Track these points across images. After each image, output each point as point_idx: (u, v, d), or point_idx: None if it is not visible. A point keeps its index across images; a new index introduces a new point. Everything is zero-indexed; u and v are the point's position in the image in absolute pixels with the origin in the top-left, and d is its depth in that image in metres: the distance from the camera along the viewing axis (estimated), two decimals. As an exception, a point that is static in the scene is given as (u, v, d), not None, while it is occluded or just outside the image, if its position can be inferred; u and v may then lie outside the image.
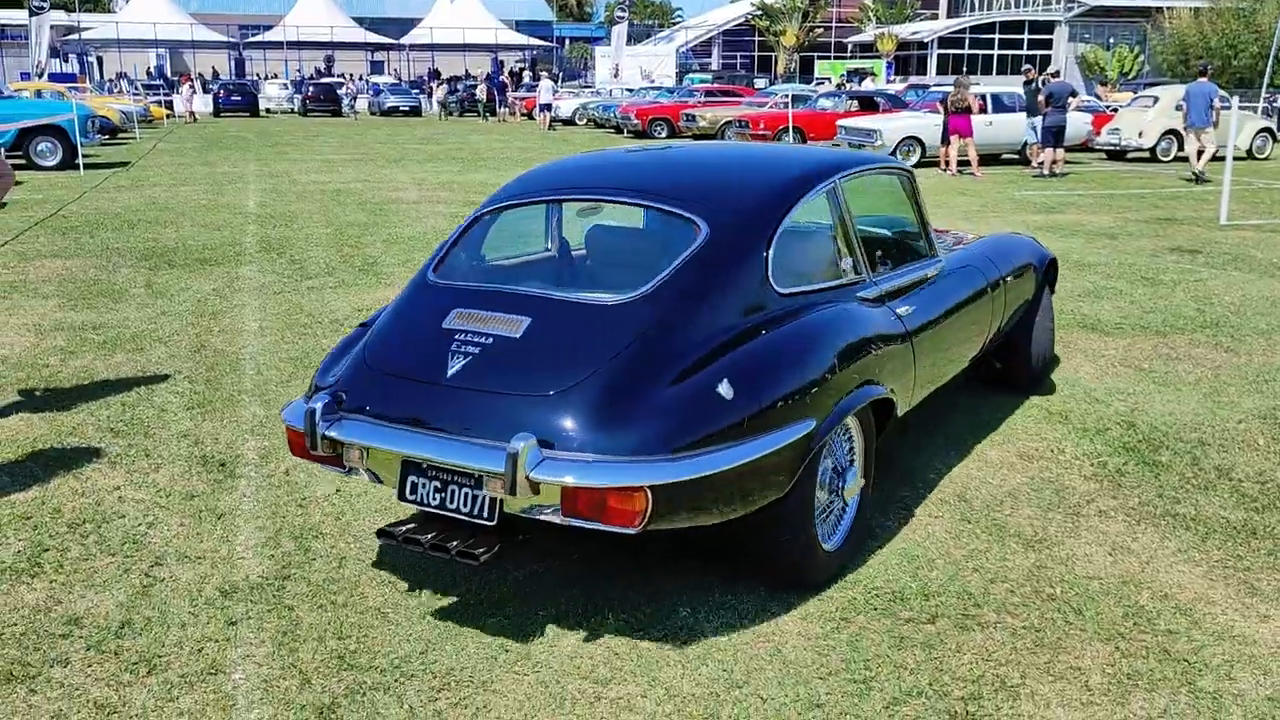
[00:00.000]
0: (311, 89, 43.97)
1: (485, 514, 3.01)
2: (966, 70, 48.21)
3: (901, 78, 47.55)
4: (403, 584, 3.48)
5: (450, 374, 3.16)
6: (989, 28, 55.50)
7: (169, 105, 38.56)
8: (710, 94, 30.91)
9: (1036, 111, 17.55)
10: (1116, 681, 2.95)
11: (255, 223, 11.88)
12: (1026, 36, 54.68)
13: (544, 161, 4.54)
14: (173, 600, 3.39)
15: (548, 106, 33.77)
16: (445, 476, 3.06)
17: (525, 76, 51.02)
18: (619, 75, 46.30)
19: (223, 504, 4.15)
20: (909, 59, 56.42)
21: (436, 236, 4.27)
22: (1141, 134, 20.39)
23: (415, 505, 3.13)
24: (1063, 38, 53.91)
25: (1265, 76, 28.73)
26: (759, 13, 57.58)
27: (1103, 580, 3.54)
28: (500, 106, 40.57)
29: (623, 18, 49.43)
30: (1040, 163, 17.65)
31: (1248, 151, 20.70)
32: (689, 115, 26.44)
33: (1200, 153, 16.63)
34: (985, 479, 4.43)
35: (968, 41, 54.94)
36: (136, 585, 3.49)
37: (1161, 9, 47.67)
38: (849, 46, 58.99)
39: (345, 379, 3.38)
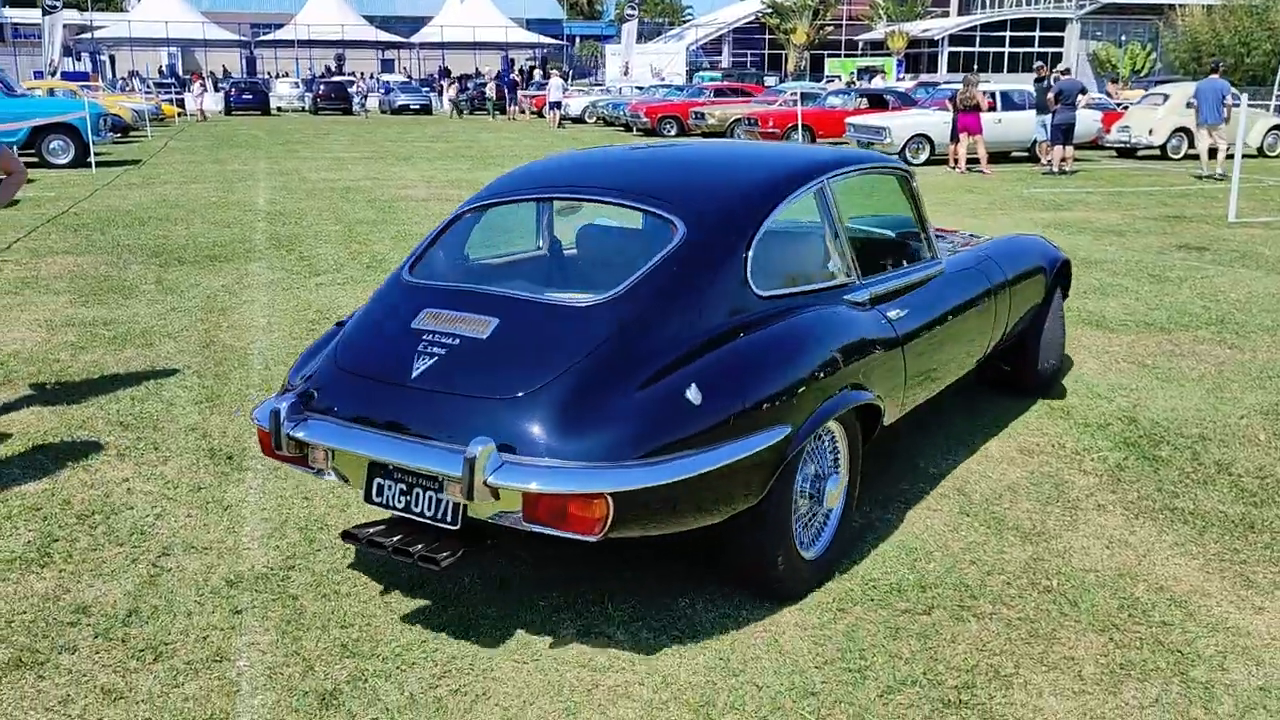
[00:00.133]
0: (322, 87, 44.01)
1: (449, 518, 2.96)
2: (977, 68, 48.12)
3: (912, 75, 47.46)
4: (404, 575, 3.52)
5: (415, 375, 3.10)
6: (1000, 25, 55.36)
7: (180, 104, 38.74)
8: (719, 92, 30.93)
9: (1047, 109, 17.52)
10: (1109, 671, 2.98)
11: (265, 220, 11.95)
12: (1038, 34, 54.54)
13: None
14: (179, 589, 3.45)
15: (557, 104, 33.87)
16: (410, 479, 3.01)
17: (536, 75, 51.11)
18: (629, 73, 46.31)
19: (229, 496, 4.20)
20: (920, 57, 56.33)
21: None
22: (1152, 132, 20.35)
23: (382, 508, 3.09)
24: (1074, 35, 53.75)
25: (1278, 74, 28.58)
26: (769, 10, 57.54)
27: (1099, 573, 3.56)
28: (510, 105, 40.67)
29: (632, 16, 49.43)
30: (1049, 160, 17.62)
31: (1259, 149, 20.64)
32: (698, 113, 26.45)
33: (1213, 151, 16.60)
34: (985, 473, 4.46)
35: (978, 39, 54.83)
36: (144, 575, 3.54)
37: (1174, 6, 47.44)
38: (860, 44, 58.95)
39: (315, 378, 3.35)
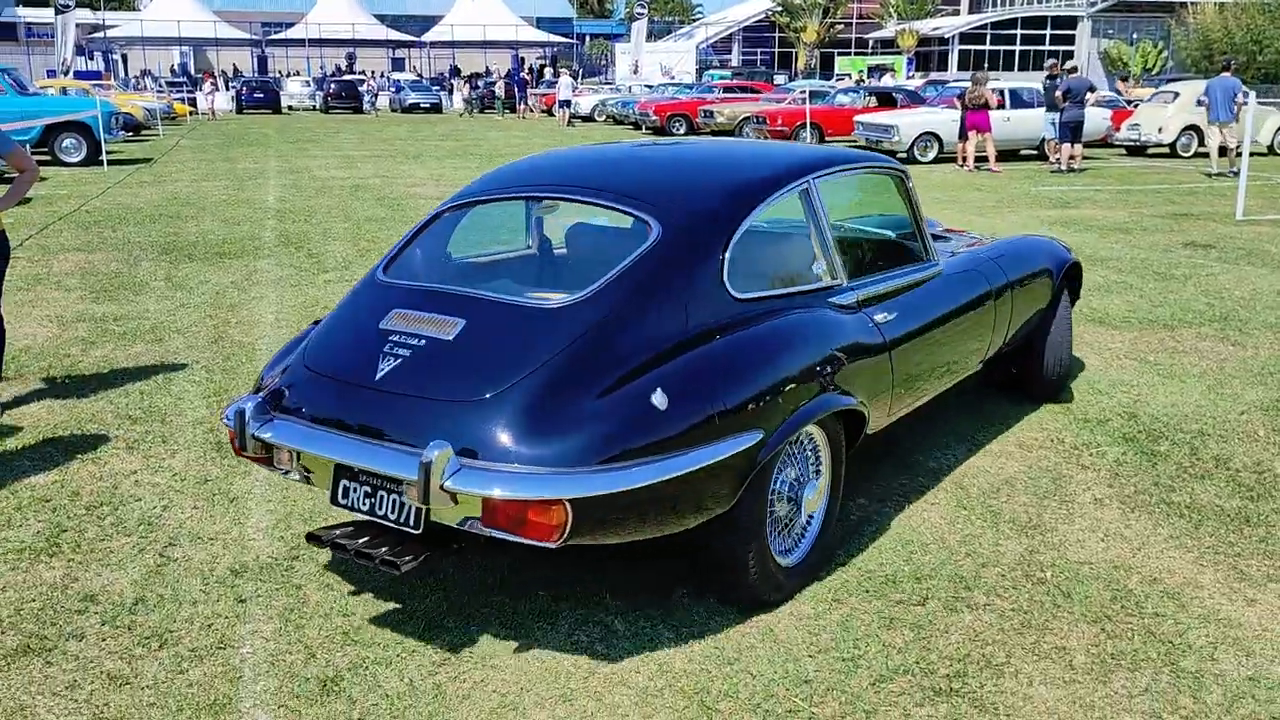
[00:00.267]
0: (333, 86, 44.13)
1: (411, 522, 2.91)
2: (988, 66, 48.06)
3: (922, 74, 47.39)
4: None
5: (379, 376, 3.05)
6: (1011, 23, 55.16)
7: (192, 102, 38.92)
8: (729, 90, 30.95)
9: (1055, 107, 17.50)
10: (1100, 661, 3.01)
11: (274, 217, 12.03)
12: (1049, 32, 54.36)
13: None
14: (185, 579, 3.51)
15: (567, 103, 33.90)
16: (375, 482, 2.96)
17: (547, 73, 51.17)
18: (639, 72, 46.36)
19: (235, 488, 4.26)
20: (930, 55, 56.21)
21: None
22: (1161, 129, 20.31)
23: (347, 510, 3.05)
24: (1085, 33, 53.55)
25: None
26: (779, 9, 57.49)
27: (1093, 565, 3.60)
28: (520, 103, 40.74)
29: (642, 14, 49.51)
30: (1058, 158, 17.59)
31: (1269, 147, 20.58)
32: (707, 111, 26.44)
33: (1223, 149, 16.56)
34: (984, 467, 4.49)
35: (989, 37, 54.65)
36: (151, 564, 3.60)
37: (1186, 3, 47.28)
38: (870, 42, 58.84)
39: (283, 378, 3.33)
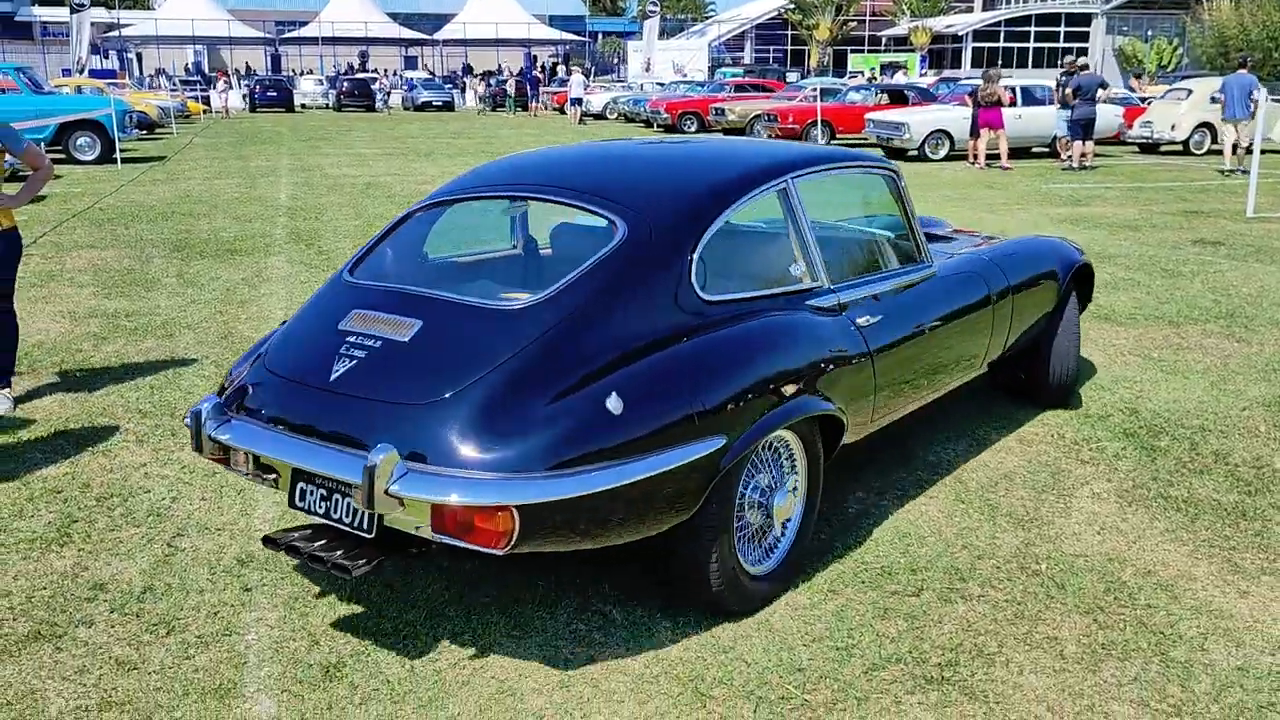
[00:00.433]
0: (346, 84, 44.28)
1: (365, 526, 2.88)
2: (1001, 63, 47.90)
3: (935, 71, 47.28)
4: (408, 559, 3.61)
5: (334, 378, 3.02)
6: (1025, 20, 54.97)
7: (206, 101, 39.12)
8: (740, 88, 30.96)
9: (1067, 104, 17.46)
10: (1090, 651, 3.05)
11: (286, 215, 12.12)
12: (1063, 29, 54.16)
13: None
14: (192, 568, 3.57)
15: (579, 101, 33.98)
16: (330, 485, 2.92)
17: (559, 71, 51.24)
18: (651, 69, 46.38)
19: (242, 481, 4.28)
20: (944, 52, 56.07)
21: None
22: (1174, 127, 20.25)
23: (305, 513, 3.02)
24: (1100, 30, 53.35)
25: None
26: (792, 6, 57.41)
27: (1088, 557, 3.63)
28: (532, 101, 40.86)
29: (655, 12, 49.49)
30: (1069, 156, 17.56)
31: (1283, 144, 20.47)
32: (718, 109, 26.48)
33: (1235, 147, 16.50)
34: (983, 461, 4.52)
35: (1003, 34, 54.48)
36: (159, 554, 3.67)
37: (1200, 0, 47.02)
38: (883, 40, 58.73)
39: (245, 378, 3.31)
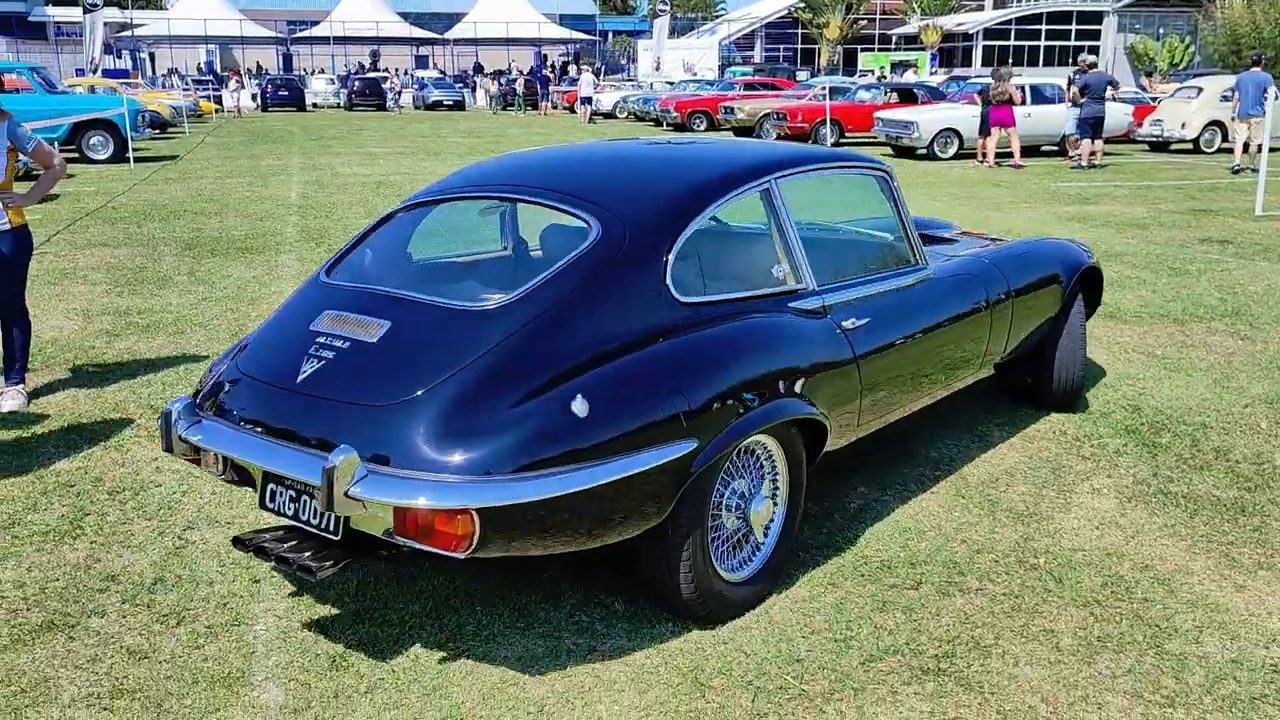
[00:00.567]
0: (357, 84, 44.42)
1: (331, 528, 2.87)
2: (1012, 62, 47.75)
3: (946, 70, 47.20)
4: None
5: (301, 379, 3.00)
6: (1036, 18, 54.86)
7: (218, 100, 39.30)
8: (749, 86, 30.98)
9: (1076, 103, 17.44)
10: (1086, 643, 3.08)
11: (296, 213, 12.20)
12: (1074, 27, 54.01)
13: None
14: (202, 560, 3.63)
15: (588, 100, 34.06)
16: (299, 487, 2.91)
17: (570, 70, 51.32)
18: (661, 68, 46.41)
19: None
20: (954, 51, 55.96)
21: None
22: (1184, 125, 20.21)
23: (275, 515, 3.01)
24: (1111, 28, 53.18)
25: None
26: (802, 5, 57.41)
27: (1086, 552, 3.66)
28: (542, 100, 40.95)
29: (665, 11, 49.52)
30: (1078, 154, 17.54)
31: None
32: (727, 108, 26.51)
33: (1247, 145, 16.46)
34: (985, 457, 4.56)
35: (1013, 33, 54.36)
36: (169, 546, 3.73)
37: (1213, -3, 46.89)
38: (893, 38, 58.66)
39: (217, 379, 3.30)
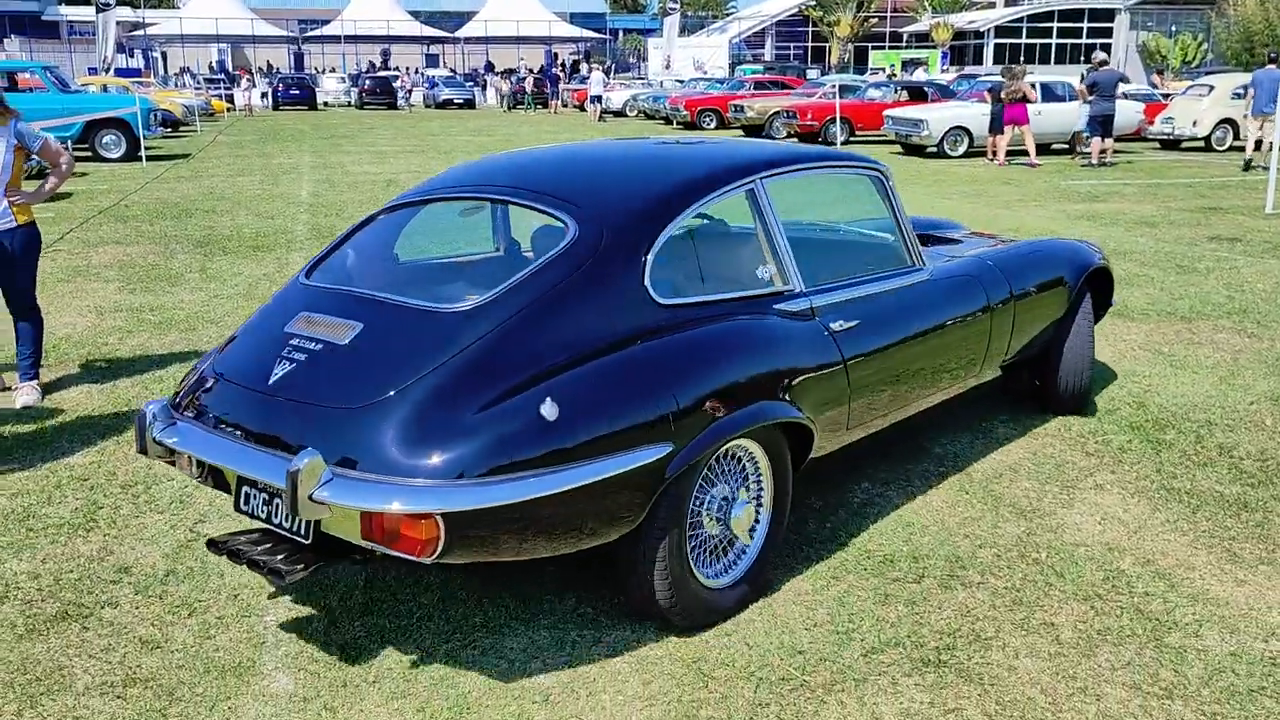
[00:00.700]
0: (368, 82, 44.51)
1: (301, 531, 2.84)
2: (1024, 60, 47.61)
3: (957, 68, 47.11)
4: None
5: (272, 381, 2.98)
6: (1047, 16, 54.65)
7: (229, 99, 39.46)
8: (759, 85, 30.95)
9: (1086, 101, 17.41)
10: (1086, 637, 3.11)
11: (307, 211, 12.27)
12: (1086, 25, 53.80)
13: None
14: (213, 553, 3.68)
15: (598, 98, 34.11)
16: (271, 490, 2.87)
17: (581, 68, 51.36)
18: (671, 67, 46.41)
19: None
20: (965, 49, 55.81)
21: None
22: (1196, 123, 20.14)
23: (249, 518, 2.99)
24: (1123, 26, 52.98)
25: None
26: (813, 3, 57.34)
27: (1088, 547, 3.69)
28: (552, 98, 41.02)
29: (675, 9, 49.52)
30: (1088, 152, 17.51)
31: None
32: (737, 106, 26.53)
33: (1260, 142, 16.41)
34: (989, 453, 4.58)
35: (1025, 30, 54.19)
36: (181, 539, 3.79)
37: (1226, -5, 46.69)
38: (904, 36, 58.55)
39: (195, 381, 3.30)
